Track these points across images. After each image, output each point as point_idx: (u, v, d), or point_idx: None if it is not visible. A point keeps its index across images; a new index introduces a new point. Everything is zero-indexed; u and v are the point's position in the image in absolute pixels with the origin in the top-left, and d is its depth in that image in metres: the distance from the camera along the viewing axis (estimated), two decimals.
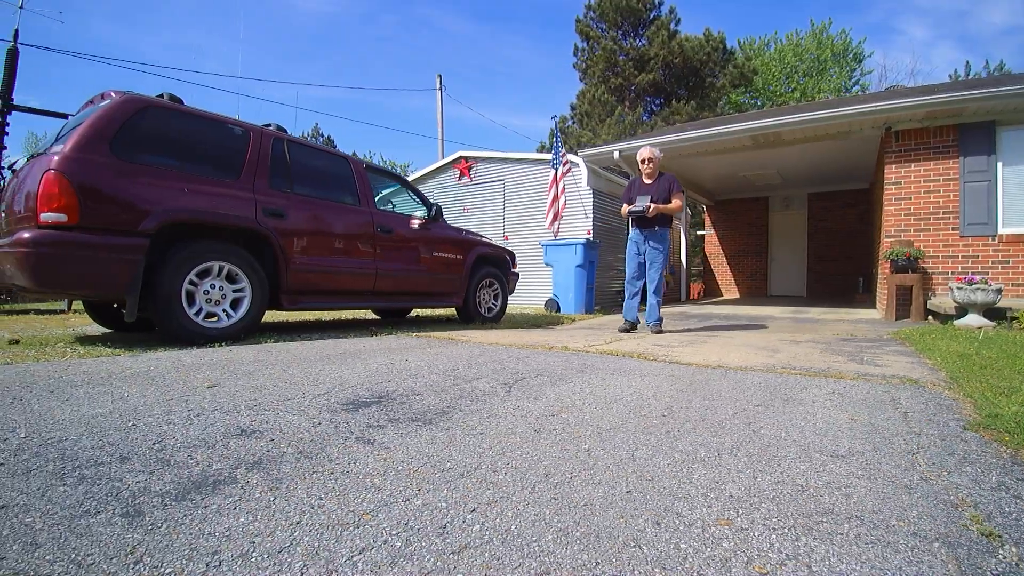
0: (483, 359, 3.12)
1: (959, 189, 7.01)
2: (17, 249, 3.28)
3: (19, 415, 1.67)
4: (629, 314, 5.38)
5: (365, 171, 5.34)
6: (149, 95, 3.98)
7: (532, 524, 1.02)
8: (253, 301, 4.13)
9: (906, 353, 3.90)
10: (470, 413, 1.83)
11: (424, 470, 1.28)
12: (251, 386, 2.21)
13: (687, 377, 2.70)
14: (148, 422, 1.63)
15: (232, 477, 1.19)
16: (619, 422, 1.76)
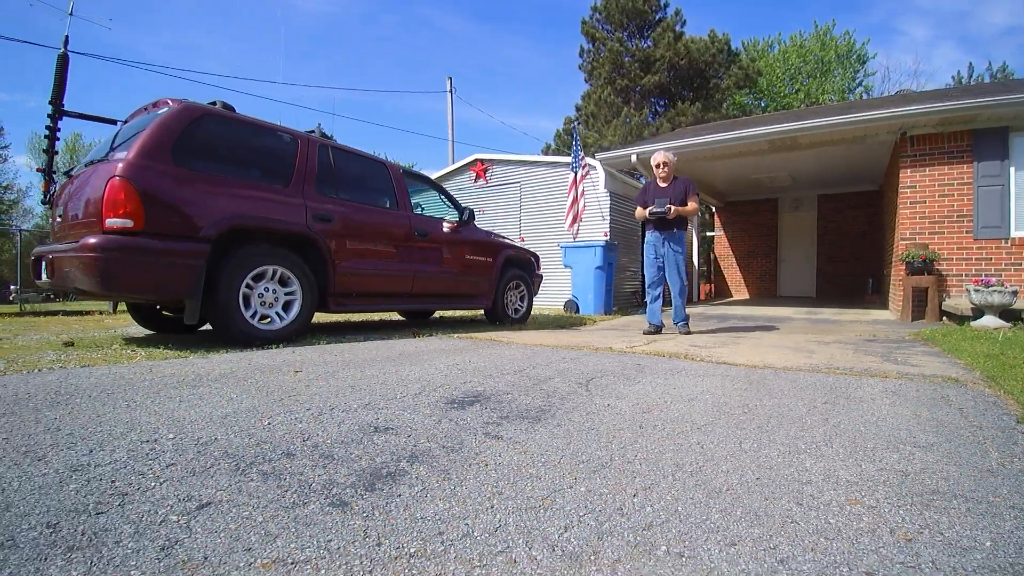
0: (541, 360, 3.26)
1: (973, 193, 7.16)
2: (84, 254, 3.38)
3: (147, 416, 1.80)
4: (653, 318, 5.42)
5: (402, 175, 5.48)
6: (203, 103, 4.10)
7: (695, 506, 1.17)
8: (304, 304, 4.26)
9: (935, 354, 4.04)
10: (569, 411, 1.97)
11: (565, 462, 1.42)
12: (345, 387, 2.34)
13: (742, 377, 2.83)
14: (280, 421, 1.76)
15: (401, 470, 1.33)
16: (709, 419, 1.90)
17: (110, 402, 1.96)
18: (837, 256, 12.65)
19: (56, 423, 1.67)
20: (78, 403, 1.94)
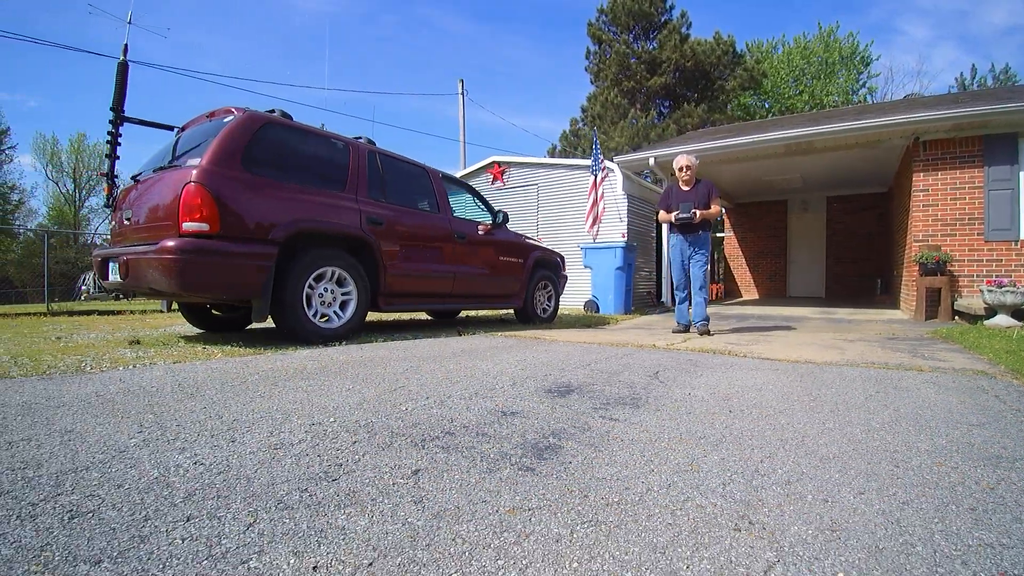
0: (598, 356, 3.49)
1: (984, 196, 7.40)
2: (163, 256, 3.59)
3: (289, 404, 2.02)
4: (682, 318, 5.60)
5: (441, 179, 5.71)
6: (265, 112, 4.32)
7: (815, 469, 1.41)
8: (359, 303, 4.48)
9: (957, 350, 4.27)
10: (657, 399, 2.20)
11: (686, 438, 1.65)
12: (440, 379, 2.57)
13: (791, 371, 3.06)
14: (412, 408, 1.99)
15: (555, 444, 1.56)
16: (784, 405, 2.14)
17: (242, 393, 2.18)
18: (845, 257, 12.91)
19: (213, 411, 1.89)
20: (212, 395, 2.16)
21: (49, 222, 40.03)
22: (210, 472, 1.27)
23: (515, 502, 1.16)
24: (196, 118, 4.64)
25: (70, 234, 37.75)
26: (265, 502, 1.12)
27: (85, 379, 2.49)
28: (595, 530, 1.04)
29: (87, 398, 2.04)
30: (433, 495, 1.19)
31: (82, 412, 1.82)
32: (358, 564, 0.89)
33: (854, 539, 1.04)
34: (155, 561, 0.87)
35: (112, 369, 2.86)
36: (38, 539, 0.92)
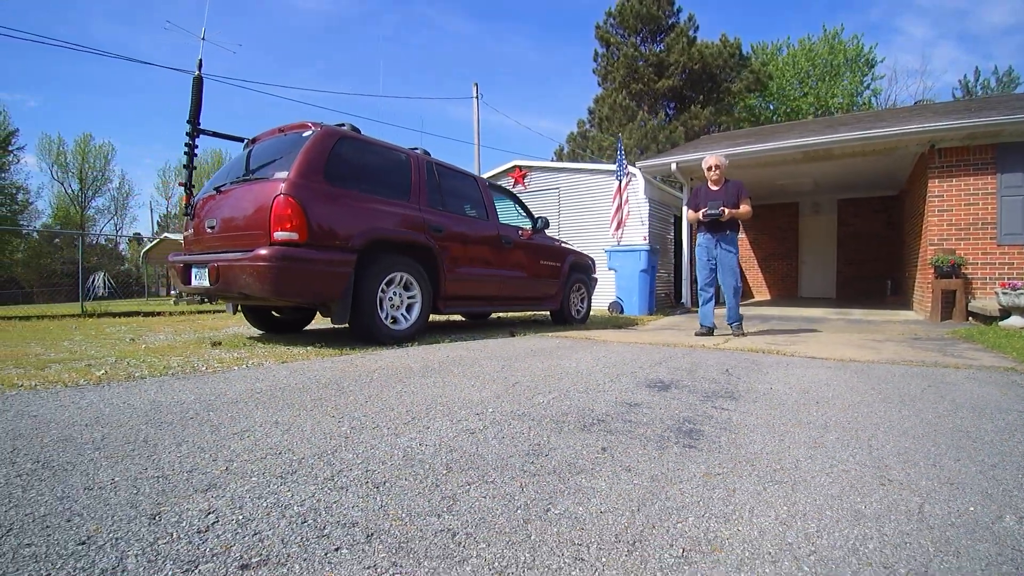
0: (662, 356, 3.81)
1: (996, 202, 7.73)
2: (257, 263, 3.88)
3: (431, 396, 2.32)
4: (706, 319, 5.57)
5: (488, 187, 6.01)
6: (339, 127, 4.60)
7: (918, 442, 1.73)
8: (423, 306, 4.78)
9: (981, 349, 4.57)
10: (747, 392, 2.52)
11: (799, 424, 1.96)
12: (536, 376, 2.88)
13: (845, 369, 3.38)
14: (543, 401, 2.29)
15: (697, 429, 1.87)
16: (858, 398, 2.45)
17: (383, 389, 2.49)
18: (856, 258, 13.25)
19: (376, 404, 2.19)
20: (357, 390, 2.47)
21: (53, 222, 40.28)
22: (442, 451, 1.57)
23: (704, 469, 1.46)
24: (266, 132, 4.93)
25: (101, 236, 38.04)
26: (515, 472, 1.42)
27: (221, 378, 2.79)
28: (782, 487, 1.35)
29: (250, 394, 2.34)
30: (634, 466, 1.49)
31: (262, 406, 2.12)
32: (632, 511, 1.19)
33: (969, 489, 1.36)
34: (485, 513, 1.17)
35: (227, 369, 3.14)
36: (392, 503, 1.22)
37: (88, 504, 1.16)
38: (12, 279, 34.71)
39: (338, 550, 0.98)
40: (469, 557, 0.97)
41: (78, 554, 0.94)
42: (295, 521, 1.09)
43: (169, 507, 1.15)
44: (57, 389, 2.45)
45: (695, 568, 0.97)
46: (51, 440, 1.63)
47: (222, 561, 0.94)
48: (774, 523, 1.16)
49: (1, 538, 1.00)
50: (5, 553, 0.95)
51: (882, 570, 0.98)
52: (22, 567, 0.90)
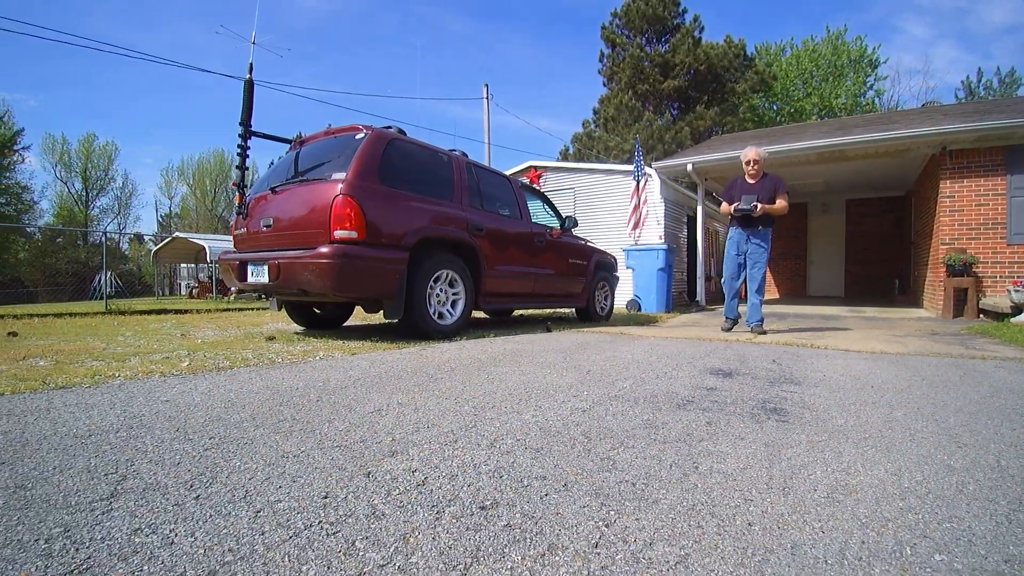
0: (705, 349, 4.02)
1: (1006, 203, 7.96)
2: (319, 260, 4.06)
3: (523, 384, 2.52)
4: (731, 312, 5.61)
5: (520, 188, 6.21)
6: (387, 129, 4.79)
7: (983, 420, 1.93)
8: (466, 302, 4.98)
9: (999, 343, 4.78)
10: (805, 379, 2.73)
11: (866, 404, 2.17)
12: (598, 365, 3.09)
13: (881, 360, 3.59)
14: (625, 387, 2.49)
15: (780, 408, 2.08)
16: (905, 384, 2.66)
17: (472, 376, 2.70)
18: (863, 258, 13.49)
19: (476, 389, 2.40)
20: (442, 376, 2.68)
21: (56, 221, 40.33)
22: (570, 425, 1.78)
23: (806, 438, 1.67)
24: (315, 134, 5.11)
25: (123, 234, 38.15)
26: (646, 441, 1.62)
27: (309, 367, 3.00)
28: (878, 451, 1.56)
29: (352, 381, 2.55)
30: (744, 435, 1.70)
31: (373, 390, 2.33)
32: (765, 467, 1.40)
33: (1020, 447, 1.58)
34: (645, 469, 1.38)
35: (304, 361, 3.33)
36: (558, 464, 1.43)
37: (300, 468, 1.36)
38: (16, 278, 34.78)
39: (547, 496, 1.18)
40: (659, 499, 1.17)
41: (330, 506, 1.14)
42: (494, 476, 1.30)
43: (374, 468, 1.35)
44: (156, 379, 2.63)
45: (844, 504, 1.18)
46: (204, 420, 1.82)
47: (460, 505, 1.14)
48: (887, 474, 1.37)
49: (252, 497, 1.20)
50: (268, 507, 1.15)
51: (987, 504, 1.20)
52: (295, 519, 1.10)
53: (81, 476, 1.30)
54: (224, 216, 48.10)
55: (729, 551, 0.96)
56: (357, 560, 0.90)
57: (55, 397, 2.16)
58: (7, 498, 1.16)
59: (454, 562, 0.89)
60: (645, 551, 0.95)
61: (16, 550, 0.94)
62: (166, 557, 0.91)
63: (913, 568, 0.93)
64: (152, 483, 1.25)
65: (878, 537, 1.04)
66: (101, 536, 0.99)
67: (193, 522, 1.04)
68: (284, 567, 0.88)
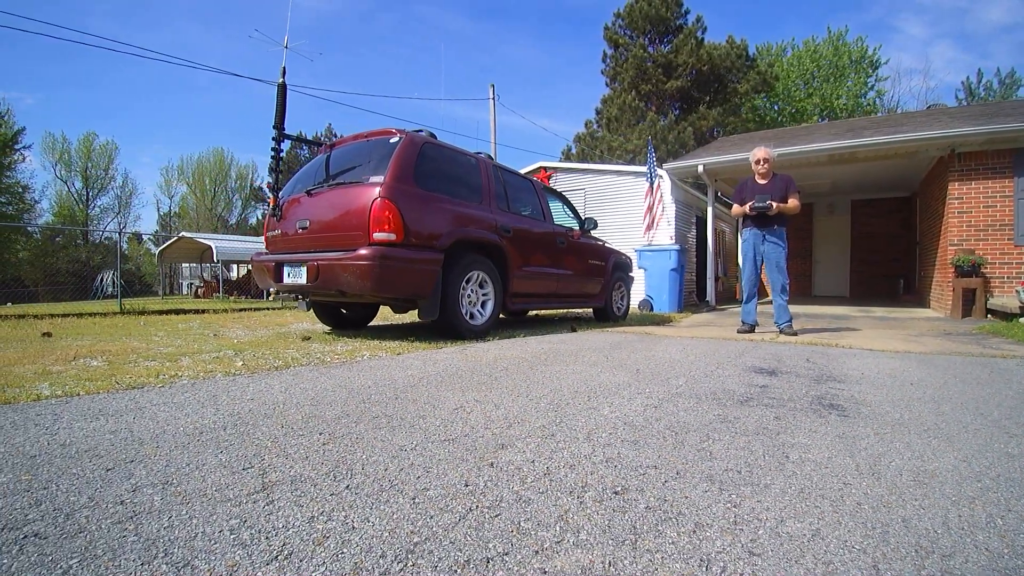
0: (737, 348, 4.15)
1: (1014, 205, 8.12)
2: (360, 262, 4.16)
3: (583, 381, 2.64)
4: (748, 316, 5.56)
5: (543, 190, 6.33)
6: (419, 132, 4.89)
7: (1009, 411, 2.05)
8: (495, 303, 5.10)
9: (1013, 342, 4.90)
10: (848, 377, 2.86)
11: (914, 399, 2.30)
12: (647, 366, 3.21)
13: (908, 359, 3.72)
14: (679, 384, 2.62)
15: (835, 403, 2.20)
16: (940, 381, 2.79)
17: (521, 374, 2.82)
18: (869, 258, 13.66)
19: (550, 386, 2.52)
20: (500, 375, 2.80)
21: (56, 221, 40.27)
22: (651, 420, 1.90)
23: (872, 430, 1.81)
24: (347, 137, 5.22)
25: (145, 234, 38.13)
26: (729, 434, 1.74)
27: (365, 366, 3.11)
28: (940, 441, 1.70)
29: (417, 380, 2.67)
30: (815, 428, 1.82)
31: (442, 388, 2.45)
32: (848, 455, 1.52)
33: None
34: (741, 460, 1.50)
35: (352, 361, 3.44)
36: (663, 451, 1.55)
37: (425, 460, 1.48)
38: (16, 278, 34.74)
39: (667, 483, 1.30)
40: (770, 484, 1.30)
41: (477, 492, 1.26)
42: (609, 466, 1.42)
43: (494, 460, 1.47)
44: (221, 378, 2.72)
45: (931, 487, 1.32)
46: (301, 417, 1.93)
47: (595, 491, 1.26)
48: (957, 461, 1.51)
49: (400, 486, 1.31)
50: (420, 495, 1.26)
51: None
52: (453, 504, 1.22)
53: (220, 471, 1.40)
54: (223, 215, 48.10)
55: (851, 526, 1.09)
56: (533, 538, 1.02)
57: (137, 397, 2.26)
58: (162, 494, 1.24)
59: (620, 538, 1.01)
60: (780, 527, 1.07)
61: (207, 541, 1.02)
62: (357, 540, 1.02)
63: (1009, 535, 1.06)
64: (295, 476, 1.36)
65: (971, 512, 1.17)
66: (282, 524, 1.09)
67: (360, 509, 1.16)
68: (472, 545, 1.00)
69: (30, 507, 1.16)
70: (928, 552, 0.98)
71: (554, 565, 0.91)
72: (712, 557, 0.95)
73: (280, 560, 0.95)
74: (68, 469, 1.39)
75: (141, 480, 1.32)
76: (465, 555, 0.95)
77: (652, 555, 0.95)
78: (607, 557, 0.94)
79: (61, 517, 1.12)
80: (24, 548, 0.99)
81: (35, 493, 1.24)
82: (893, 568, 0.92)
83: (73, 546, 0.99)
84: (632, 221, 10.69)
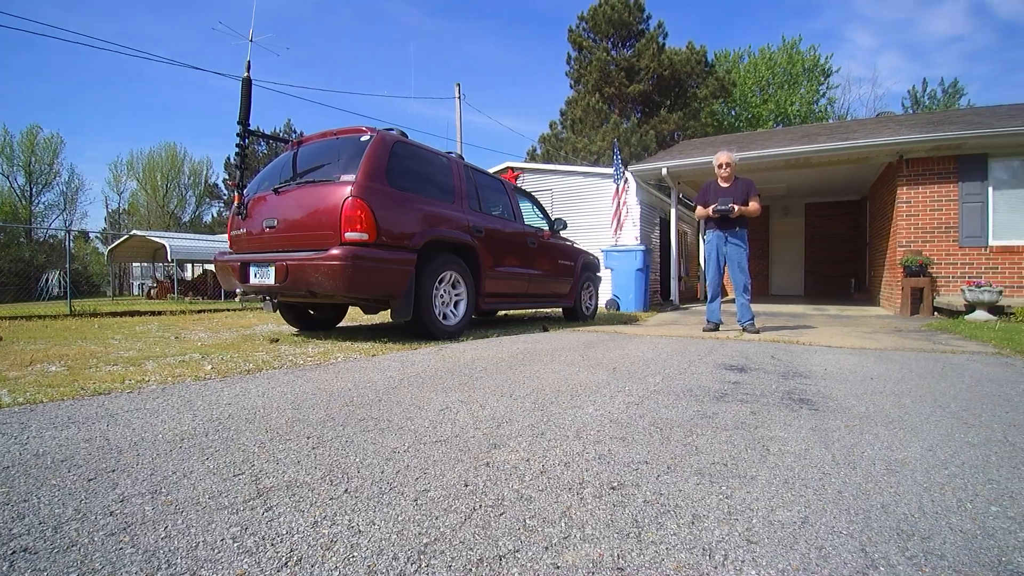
0: (707, 346, 4.27)
1: (958, 208, 8.60)
2: (331, 262, 4.10)
3: (563, 379, 2.69)
4: (713, 316, 5.72)
5: (513, 190, 6.37)
6: (389, 131, 4.83)
7: (981, 404, 2.21)
8: (468, 303, 5.10)
9: (961, 338, 5.20)
10: (812, 373, 2.98)
11: (878, 393, 2.43)
12: (623, 364, 3.28)
13: (866, 355, 3.90)
14: (656, 382, 2.69)
15: (804, 398, 2.30)
16: (899, 375, 2.95)
17: (502, 374, 2.84)
18: (822, 259, 14.23)
19: (528, 385, 2.55)
20: (480, 375, 2.81)
21: None
22: (635, 417, 1.95)
23: (842, 423, 1.90)
24: (314, 135, 5.12)
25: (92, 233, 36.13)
26: (710, 429, 1.81)
27: (341, 368, 3.08)
28: (906, 432, 1.81)
29: (397, 381, 2.66)
30: (790, 422, 1.90)
31: (424, 389, 2.45)
32: (825, 447, 1.59)
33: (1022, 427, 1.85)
34: (726, 453, 1.55)
35: (327, 363, 3.39)
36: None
37: (420, 462, 1.48)
38: None
39: (660, 477, 1.35)
40: (756, 476, 1.36)
41: (477, 492, 1.27)
42: (602, 462, 1.46)
43: (490, 460, 1.49)
44: (192, 383, 2.66)
45: (903, 474, 1.41)
46: (284, 421, 1.91)
47: (593, 487, 1.29)
48: (923, 450, 1.61)
49: (399, 488, 1.32)
50: (422, 496, 1.27)
51: (1012, 469, 1.46)
52: (457, 504, 1.23)
53: (210, 478, 1.36)
54: (176, 213, 46.37)
55: (836, 512, 1.15)
56: (541, 535, 1.04)
57: (106, 403, 2.18)
58: (152, 503, 1.20)
59: (624, 531, 1.05)
60: (771, 516, 1.13)
61: (210, 550, 1.00)
62: (366, 543, 1.02)
63: (980, 517, 1.14)
64: (290, 481, 1.35)
65: (942, 497, 1.26)
66: (286, 530, 1.08)
67: (363, 512, 1.16)
68: (483, 544, 1.01)
69: (13, 521, 1.12)
70: (909, 535, 1.06)
71: (565, 560, 0.94)
72: (714, 546, 0.99)
73: (291, 566, 0.94)
74: (47, 480, 1.34)
75: (127, 490, 1.28)
76: (477, 554, 0.97)
77: (657, 547, 0.99)
78: (615, 550, 0.97)
79: (49, 530, 1.08)
80: (15, 564, 0.95)
81: (16, 506, 1.19)
82: (880, 550, 0.99)
83: (68, 560, 0.96)
84: (599, 222, 10.85)
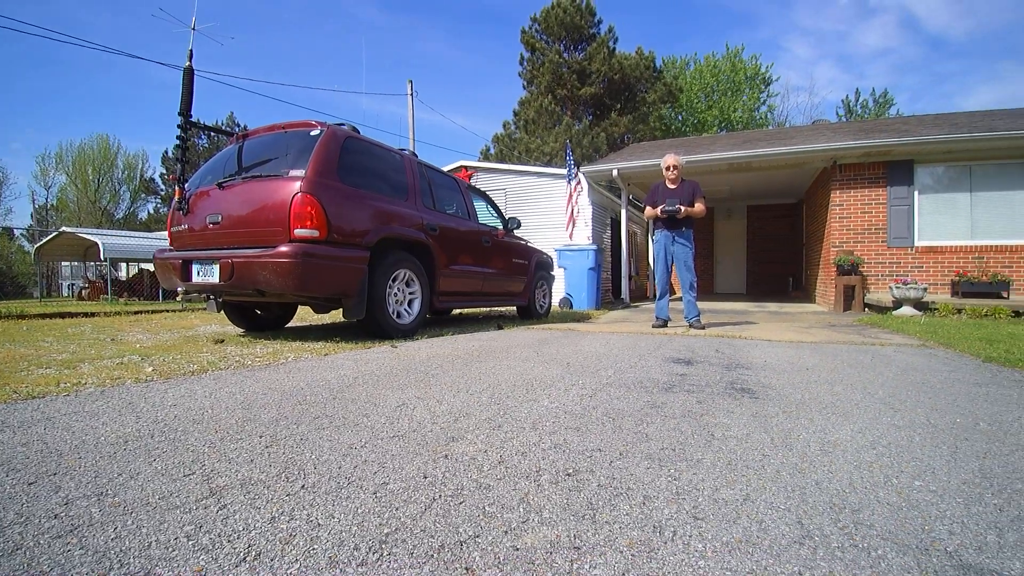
0: (656, 341, 4.42)
1: (887, 211, 9.17)
2: (280, 259, 4.00)
3: (519, 375, 2.73)
4: (662, 312, 5.94)
5: (467, 188, 6.38)
6: (341, 126, 4.75)
7: (907, 391, 2.37)
8: (422, 301, 5.08)
9: (889, 332, 5.56)
10: (753, 364, 3.13)
11: (815, 382, 2.58)
12: (577, 359, 3.35)
13: (801, 347, 4.13)
14: (609, 375, 2.76)
15: (746, 388, 2.42)
16: (833, 366, 3.15)
17: (458, 370, 2.86)
18: (763, 258, 14.89)
19: (484, 380, 2.57)
20: (436, 372, 2.82)
21: None
22: (588, 409, 2.01)
23: (779, 410, 2.02)
24: (261, 128, 4.97)
25: None
26: (659, 417, 1.88)
27: (292, 368, 3.02)
28: (839, 416, 1.94)
29: (351, 380, 2.63)
30: (732, 409, 2.00)
31: (379, 387, 2.44)
32: (766, 432, 1.69)
33: (950, 412, 2.01)
34: (675, 440, 1.63)
35: (277, 364, 3.32)
36: None
37: (378, 456, 1.49)
38: None
39: (613, 462, 1.41)
40: (701, 459, 1.43)
41: (437, 483, 1.29)
42: (558, 451, 1.50)
43: (448, 452, 1.51)
44: (133, 385, 2.57)
45: (835, 455, 1.52)
46: (235, 422, 1.87)
47: (549, 475, 1.33)
48: (853, 433, 1.74)
49: (359, 482, 1.32)
50: (381, 488, 1.27)
51: (934, 448, 1.59)
52: (416, 496, 1.24)
53: (159, 479, 1.32)
54: (109, 209, 43.89)
55: (775, 490, 1.24)
56: (500, 520, 1.07)
57: (42, 407, 2.07)
58: (99, 505, 1.16)
59: (580, 513, 1.09)
60: (716, 494, 1.20)
61: (164, 549, 0.98)
62: (326, 536, 1.03)
63: (905, 491, 1.25)
64: (244, 479, 1.32)
65: (871, 474, 1.36)
66: (242, 527, 1.06)
67: (322, 507, 1.16)
68: (443, 531, 1.03)
69: None
70: (840, 508, 1.14)
71: (524, 542, 0.97)
72: (663, 523, 1.05)
73: (249, 561, 0.94)
74: None
75: (71, 493, 1.24)
76: (438, 540, 0.99)
77: (611, 526, 1.04)
78: (571, 531, 1.02)
79: None
80: None
81: None
82: (814, 522, 1.07)
83: (13, 564, 0.93)
84: (552, 221, 10.98)
